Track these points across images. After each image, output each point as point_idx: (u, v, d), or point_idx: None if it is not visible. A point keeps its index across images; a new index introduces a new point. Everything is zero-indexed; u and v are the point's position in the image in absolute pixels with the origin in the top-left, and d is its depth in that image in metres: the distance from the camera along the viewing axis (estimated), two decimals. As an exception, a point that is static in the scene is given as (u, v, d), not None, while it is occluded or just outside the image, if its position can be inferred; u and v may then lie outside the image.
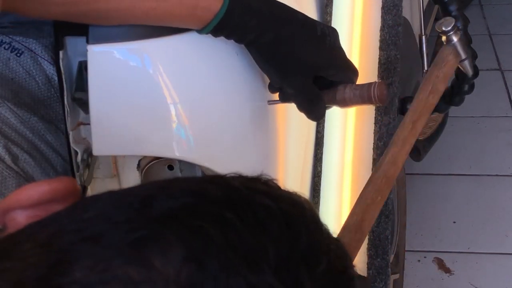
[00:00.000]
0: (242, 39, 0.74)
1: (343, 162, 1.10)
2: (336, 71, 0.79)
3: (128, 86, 0.73)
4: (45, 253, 0.35)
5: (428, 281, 1.88)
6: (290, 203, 0.39)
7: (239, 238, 0.35)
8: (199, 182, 0.40)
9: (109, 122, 0.73)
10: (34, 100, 0.83)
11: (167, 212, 0.36)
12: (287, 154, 0.93)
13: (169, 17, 0.70)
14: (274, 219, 0.37)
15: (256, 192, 0.39)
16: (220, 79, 0.79)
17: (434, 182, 2.22)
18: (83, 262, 0.33)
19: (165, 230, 0.34)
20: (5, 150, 0.76)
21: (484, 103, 2.52)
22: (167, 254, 0.33)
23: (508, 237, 1.99)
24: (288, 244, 0.36)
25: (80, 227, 0.36)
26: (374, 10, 1.18)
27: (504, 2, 3.33)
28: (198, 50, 0.76)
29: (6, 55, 0.83)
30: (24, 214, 0.41)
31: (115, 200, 0.38)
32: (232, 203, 0.37)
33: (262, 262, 0.34)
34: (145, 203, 0.36)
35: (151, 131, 0.75)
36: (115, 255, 0.33)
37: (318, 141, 1.09)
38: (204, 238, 0.34)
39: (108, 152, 0.78)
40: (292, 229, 0.37)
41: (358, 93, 0.78)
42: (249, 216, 0.36)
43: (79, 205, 0.40)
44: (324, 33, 0.77)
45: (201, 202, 0.37)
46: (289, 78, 0.76)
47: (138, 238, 0.34)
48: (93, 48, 0.72)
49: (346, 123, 1.11)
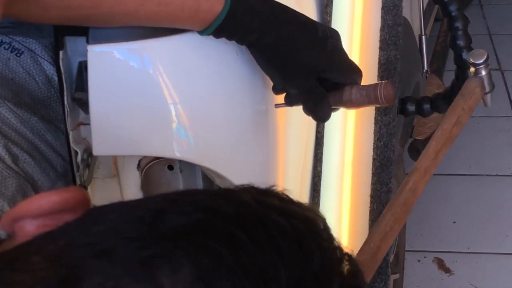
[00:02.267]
0: (243, 40, 0.74)
1: (343, 162, 1.10)
2: (339, 72, 0.79)
3: (128, 86, 0.73)
4: (55, 268, 0.35)
5: (428, 281, 1.88)
6: (302, 220, 0.38)
7: (250, 258, 0.34)
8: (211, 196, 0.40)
9: (109, 122, 0.73)
10: (34, 100, 0.83)
11: (178, 230, 0.35)
12: (287, 154, 0.93)
13: (171, 20, 0.71)
14: (286, 238, 0.36)
15: (268, 208, 0.38)
16: (220, 79, 0.79)
17: (434, 182, 2.22)
18: (93, 279, 0.33)
19: (175, 249, 0.34)
20: (5, 150, 0.76)
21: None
22: (177, 274, 0.33)
23: (508, 237, 1.99)
24: (300, 265, 0.35)
25: (90, 241, 0.36)
26: (374, 10, 1.18)
27: (504, 2, 3.33)
28: (198, 50, 0.76)
29: (6, 55, 0.83)
30: (33, 223, 0.41)
31: (126, 214, 0.38)
32: (243, 220, 0.36)
33: (273, 283, 0.34)
34: (156, 218, 0.36)
35: (151, 131, 0.75)
36: (125, 273, 0.33)
37: (318, 141, 1.09)
38: (214, 259, 0.34)
39: (108, 152, 0.78)
40: (305, 248, 0.36)
41: (365, 94, 0.78)
42: (261, 235, 0.36)
43: (89, 216, 0.39)
44: (325, 35, 0.77)
45: (213, 220, 0.36)
46: (291, 79, 0.76)
47: (149, 256, 0.34)
48: (93, 48, 0.72)
49: (346, 123, 1.11)
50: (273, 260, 0.35)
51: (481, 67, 0.92)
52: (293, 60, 0.75)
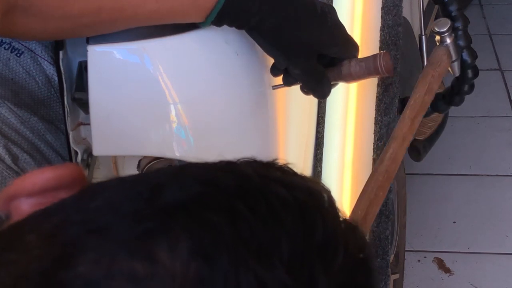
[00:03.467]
0: (245, 24, 0.73)
1: (343, 162, 1.10)
2: (339, 48, 0.79)
3: (128, 86, 0.73)
4: (49, 246, 0.34)
5: (428, 281, 1.88)
6: (306, 192, 0.37)
7: (251, 231, 0.33)
8: (212, 170, 0.38)
9: (109, 122, 0.73)
10: (34, 100, 0.83)
11: (176, 203, 0.34)
12: (287, 154, 0.93)
13: (172, 15, 0.70)
14: (288, 210, 0.35)
15: (270, 180, 0.37)
16: (220, 79, 0.79)
17: (434, 182, 2.22)
18: (88, 256, 0.32)
19: (172, 222, 0.33)
20: (5, 150, 0.76)
21: (484, 103, 2.52)
22: (175, 248, 0.32)
23: (508, 237, 1.99)
24: (302, 238, 0.34)
25: (86, 218, 0.35)
26: (374, 10, 1.18)
27: (504, 2, 3.33)
28: (198, 50, 0.76)
29: (6, 55, 0.83)
30: (28, 202, 0.40)
31: (124, 189, 0.36)
32: (244, 193, 0.35)
33: (274, 257, 0.33)
34: (154, 192, 0.35)
35: (151, 131, 0.75)
36: (121, 249, 0.32)
37: (318, 141, 1.09)
38: (213, 232, 0.33)
39: (108, 152, 0.78)
40: (308, 221, 0.35)
41: (364, 66, 0.78)
42: (262, 208, 0.34)
43: (86, 193, 0.38)
44: (324, 11, 0.77)
45: (212, 193, 0.35)
46: (295, 58, 0.76)
47: (145, 230, 0.33)
48: (93, 48, 0.72)
49: (346, 123, 1.11)
50: (275, 233, 0.34)
51: (445, 35, 0.96)
52: (296, 40, 0.75)
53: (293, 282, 0.32)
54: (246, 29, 0.74)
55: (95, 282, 0.32)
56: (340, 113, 1.10)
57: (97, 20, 0.67)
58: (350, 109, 1.11)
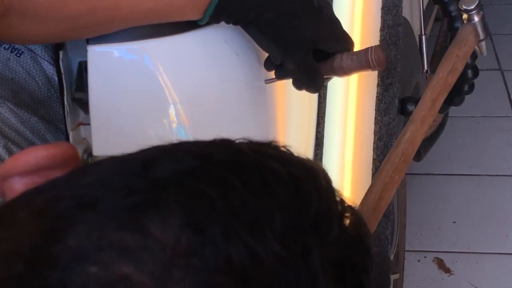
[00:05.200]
0: (243, 19, 0.73)
1: (343, 162, 1.10)
2: (334, 42, 0.79)
3: (128, 86, 0.73)
4: (40, 221, 0.34)
5: (428, 281, 1.88)
6: (301, 168, 0.37)
7: (243, 203, 0.33)
8: (205, 145, 0.38)
9: (109, 122, 0.73)
10: (34, 100, 0.83)
11: (167, 176, 0.34)
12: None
13: (169, 13, 0.70)
14: (282, 183, 0.35)
15: (265, 156, 0.36)
16: (220, 79, 0.79)
17: (434, 182, 2.22)
18: (78, 229, 0.32)
19: (163, 195, 0.33)
20: (5, 150, 0.76)
21: (484, 103, 2.52)
22: (165, 220, 0.32)
23: (508, 237, 1.99)
24: (296, 210, 0.34)
25: (77, 193, 0.34)
26: (374, 10, 1.18)
27: (504, 2, 3.33)
28: (198, 50, 0.76)
29: (6, 55, 0.83)
30: (21, 181, 0.39)
31: (116, 165, 0.36)
32: (237, 166, 0.35)
33: (267, 228, 0.32)
34: (146, 167, 0.35)
35: (151, 131, 0.75)
36: (111, 221, 0.32)
37: (318, 141, 1.09)
38: (204, 203, 0.33)
39: (108, 152, 0.77)
40: (302, 195, 0.35)
41: (356, 59, 0.78)
42: (255, 180, 0.34)
43: (78, 170, 0.38)
44: (320, 5, 0.77)
45: (205, 166, 0.35)
46: (291, 53, 0.76)
47: (136, 203, 0.33)
48: (93, 48, 0.72)
49: (346, 123, 1.11)
50: (268, 205, 0.33)
51: (473, 13, 0.92)
52: (293, 34, 0.75)
53: (285, 253, 0.32)
54: (243, 24, 0.74)
55: (85, 254, 0.31)
56: (340, 113, 1.10)
57: (94, 20, 0.67)
58: (350, 109, 1.11)
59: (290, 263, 0.32)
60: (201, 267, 0.31)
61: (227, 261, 0.31)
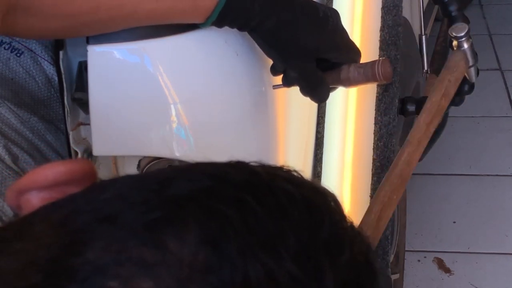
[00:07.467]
0: (245, 26, 0.73)
1: (343, 162, 1.10)
2: (339, 52, 0.79)
3: (128, 86, 0.73)
4: (59, 234, 0.34)
5: (428, 281, 1.88)
6: (313, 191, 0.38)
7: (258, 222, 0.33)
8: (221, 166, 0.39)
9: (109, 122, 0.73)
10: (34, 100, 0.83)
11: (184, 194, 0.35)
12: (287, 154, 0.93)
13: (171, 15, 0.70)
14: (296, 205, 0.35)
15: (278, 177, 0.37)
16: (220, 79, 0.79)
17: (434, 182, 2.22)
18: (97, 243, 0.32)
19: (182, 212, 0.33)
20: (5, 150, 0.76)
21: (484, 103, 2.52)
22: (183, 237, 0.32)
23: (508, 237, 1.99)
24: (309, 231, 0.35)
25: (95, 207, 0.35)
26: (374, 10, 1.18)
27: (504, 2, 3.33)
28: (198, 50, 0.76)
29: (6, 55, 0.83)
30: (39, 195, 0.40)
31: (133, 182, 0.37)
32: (252, 187, 0.36)
33: (282, 248, 0.33)
34: (163, 185, 0.35)
35: (151, 131, 0.75)
36: (130, 236, 0.33)
37: (318, 141, 1.09)
38: (221, 221, 0.33)
39: (108, 152, 0.78)
40: (315, 216, 0.36)
41: (363, 72, 0.78)
42: (270, 201, 0.35)
43: (96, 186, 0.39)
44: (326, 15, 0.77)
45: (221, 185, 0.36)
46: (293, 61, 0.76)
47: (154, 219, 0.33)
48: (93, 48, 0.72)
49: (346, 123, 1.11)
50: (282, 225, 0.34)
51: (463, 40, 0.96)
52: (294, 43, 0.75)
53: (299, 273, 0.33)
54: (248, 30, 0.74)
55: (104, 268, 0.32)
56: (340, 113, 1.10)
57: (96, 18, 0.67)
58: (350, 109, 1.11)
59: (304, 283, 0.33)
60: (218, 284, 0.31)
61: (244, 279, 0.32)
